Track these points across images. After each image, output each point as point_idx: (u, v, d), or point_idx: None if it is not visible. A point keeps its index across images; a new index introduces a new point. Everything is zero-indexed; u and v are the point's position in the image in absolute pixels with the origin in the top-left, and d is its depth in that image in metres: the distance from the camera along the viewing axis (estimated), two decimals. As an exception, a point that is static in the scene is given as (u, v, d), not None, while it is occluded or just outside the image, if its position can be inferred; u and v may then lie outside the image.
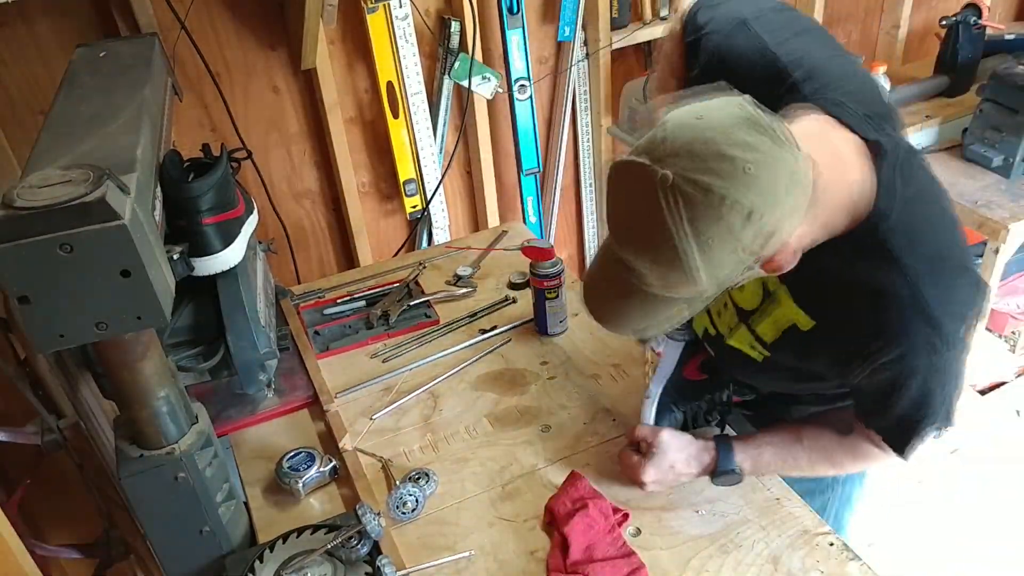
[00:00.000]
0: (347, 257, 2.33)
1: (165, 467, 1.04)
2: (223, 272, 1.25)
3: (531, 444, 1.32)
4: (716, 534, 1.14)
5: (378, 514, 1.11)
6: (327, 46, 1.99)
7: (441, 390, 1.45)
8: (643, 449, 1.19)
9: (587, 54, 2.37)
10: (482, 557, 1.14)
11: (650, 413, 1.24)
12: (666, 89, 1.21)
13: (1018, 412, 2.56)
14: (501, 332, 1.57)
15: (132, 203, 0.84)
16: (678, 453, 1.17)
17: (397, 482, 1.25)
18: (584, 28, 2.33)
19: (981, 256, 2.17)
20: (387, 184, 2.28)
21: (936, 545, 2.19)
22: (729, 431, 1.29)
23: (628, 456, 1.20)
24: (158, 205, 1.02)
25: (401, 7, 2.01)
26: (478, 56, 2.14)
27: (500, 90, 2.21)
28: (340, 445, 1.32)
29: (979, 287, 0.94)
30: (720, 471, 1.15)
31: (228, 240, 1.24)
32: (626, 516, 1.17)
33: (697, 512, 1.17)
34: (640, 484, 1.18)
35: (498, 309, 1.64)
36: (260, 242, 1.52)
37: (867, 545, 1.39)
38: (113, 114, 1.06)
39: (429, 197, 2.28)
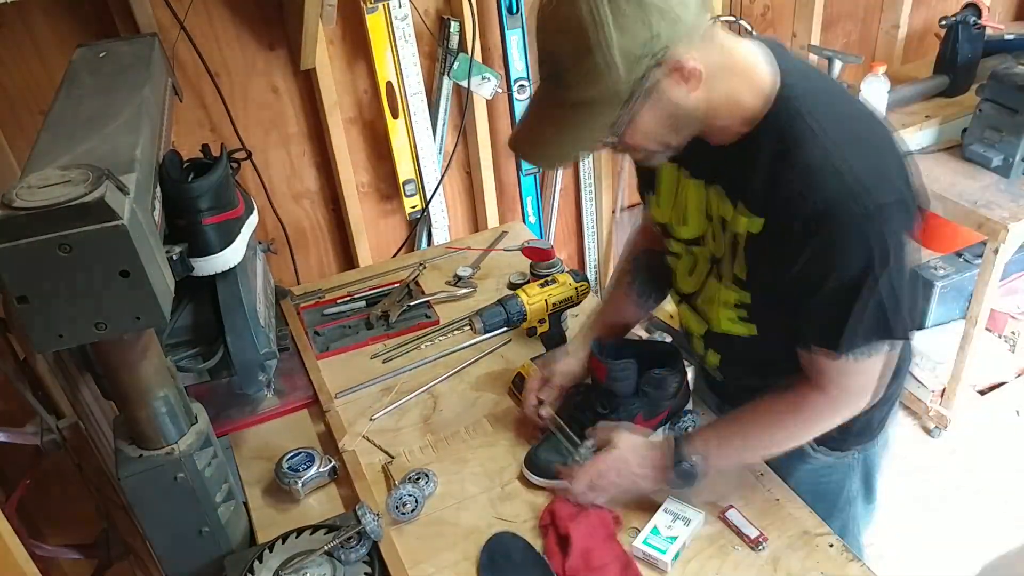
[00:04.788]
0: (347, 257, 2.33)
1: (164, 467, 1.04)
2: (223, 272, 1.25)
3: (531, 445, 1.32)
4: (716, 535, 1.14)
5: (377, 515, 1.11)
6: (326, 46, 1.98)
7: (441, 390, 1.45)
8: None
9: (587, 54, 2.36)
10: (482, 557, 1.13)
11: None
12: None
13: (1018, 412, 2.56)
14: (501, 333, 1.57)
15: (131, 203, 0.84)
16: (630, 452, 1.14)
17: (397, 482, 1.25)
18: (584, 28, 2.32)
19: (981, 256, 2.17)
20: (387, 184, 2.27)
21: (935, 545, 2.19)
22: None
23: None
24: (157, 205, 1.02)
25: (400, 7, 2.01)
26: (477, 56, 2.14)
27: (500, 90, 2.21)
28: (340, 445, 1.32)
29: (907, 164, 0.95)
30: (675, 466, 1.09)
31: (228, 240, 1.24)
32: (616, 519, 1.16)
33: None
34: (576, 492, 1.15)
35: (498, 309, 1.64)
36: (260, 242, 1.51)
37: (866, 546, 1.39)
38: (112, 114, 1.06)
39: (429, 197, 2.27)
